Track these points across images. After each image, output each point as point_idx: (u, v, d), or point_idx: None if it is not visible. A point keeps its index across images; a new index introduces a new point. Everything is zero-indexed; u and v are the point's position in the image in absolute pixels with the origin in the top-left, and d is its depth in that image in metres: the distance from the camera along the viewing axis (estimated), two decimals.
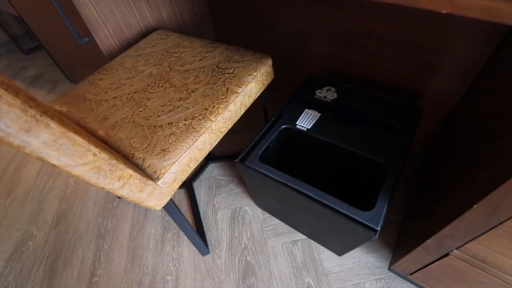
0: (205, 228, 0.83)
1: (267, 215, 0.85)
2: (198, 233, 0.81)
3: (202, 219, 0.86)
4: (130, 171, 0.38)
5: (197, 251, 0.79)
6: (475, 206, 0.36)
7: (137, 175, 0.40)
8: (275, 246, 0.78)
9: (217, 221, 0.85)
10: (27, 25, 1.22)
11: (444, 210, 0.47)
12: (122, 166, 0.37)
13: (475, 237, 0.40)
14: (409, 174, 0.89)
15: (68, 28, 0.85)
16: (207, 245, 0.79)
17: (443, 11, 0.25)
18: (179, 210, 0.58)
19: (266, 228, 0.82)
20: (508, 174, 0.31)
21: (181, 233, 0.84)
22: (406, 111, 0.70)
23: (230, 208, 0.87)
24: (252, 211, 0.86)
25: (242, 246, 0.79)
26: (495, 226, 0.36)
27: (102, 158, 0.33)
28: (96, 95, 0.61)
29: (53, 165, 0.29)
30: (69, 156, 0.29)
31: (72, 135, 0.29)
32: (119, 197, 0.95)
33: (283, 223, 0.82)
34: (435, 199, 0.56)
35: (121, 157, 0.41)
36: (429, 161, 0.79)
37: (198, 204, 0.90)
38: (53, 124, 0.27)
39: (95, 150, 0.32)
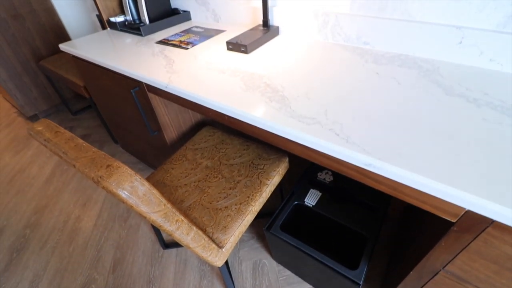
0: (233, 277, 1.08)
1: (281, 267, 1.09)
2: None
3: (230, 269, 1.10)
4: (214, 245, 0.66)
5: None
6: (411, 272, 0.63)
7: (215, 246, 0.68)
8: None
9: (242, 271, 1.09)
10: (94, 105, 1.58)
11: (399, 272, 0.74)
12: (211, 242, 0.65)
13: None
14: (390, 237, 1.15)
15: (142, 122, 1.19)
16: None
17: None
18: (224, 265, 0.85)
19: (281, 278, 1.06)
20: (418, 260, 0.59)
21: (214, 279, 1.08)
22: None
23: (252, 261, 1.12)
24: (269, 264, 1.11)
25: None
26: (425, 284, 0.63)
27: (207, 241, 0.61)
28: (172, 182, 0.92)
29: (189, 247, 0.57)
30: (197, 241, 0.58)
31: (198, 231, 0.58)
32: (164, 248, 1.20)
33: (293, 274, 1.06)
34: (398, 264, 0.83)
35: (206, 235, 0.70)
36: (400, 228, 1.07)
37: None
38: (194, 227, 0.56)
39: (206, 238, 0.61)
